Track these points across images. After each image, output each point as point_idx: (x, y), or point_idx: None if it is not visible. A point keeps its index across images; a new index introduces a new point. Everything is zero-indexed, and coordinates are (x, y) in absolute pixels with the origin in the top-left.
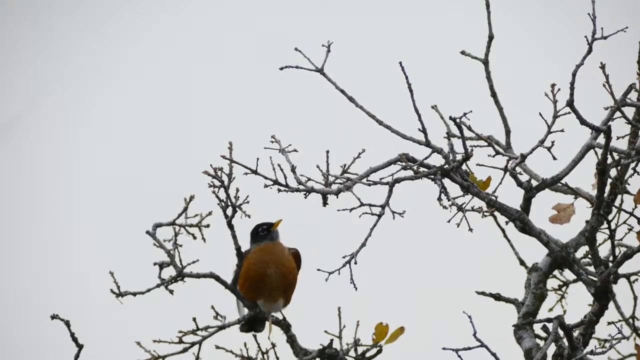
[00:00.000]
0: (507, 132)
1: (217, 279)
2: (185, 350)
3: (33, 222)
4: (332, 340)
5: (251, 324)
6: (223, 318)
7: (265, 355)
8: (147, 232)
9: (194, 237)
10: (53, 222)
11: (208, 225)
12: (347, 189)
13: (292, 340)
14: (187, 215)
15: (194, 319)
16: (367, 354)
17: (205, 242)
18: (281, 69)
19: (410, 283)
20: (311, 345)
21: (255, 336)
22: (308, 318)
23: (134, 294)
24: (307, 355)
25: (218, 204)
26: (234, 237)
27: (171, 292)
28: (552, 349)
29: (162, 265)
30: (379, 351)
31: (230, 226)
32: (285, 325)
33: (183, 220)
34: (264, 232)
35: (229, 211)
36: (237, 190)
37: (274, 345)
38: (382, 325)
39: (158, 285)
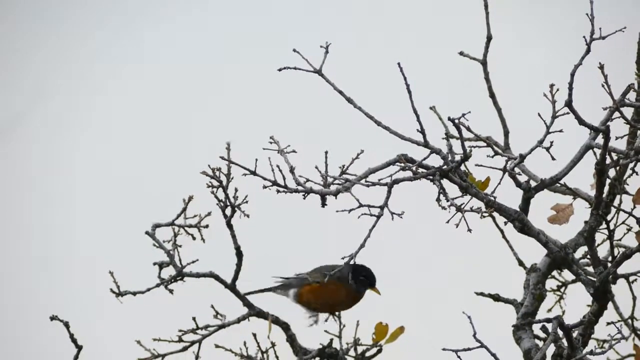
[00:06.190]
0: (506, 133)
1: (217, 278)
2: (185, 349)
3: (33, 222)
4: (332, 340)
5: None
6: (223, 317)
7: (265, 355)
8: (147, 233)
9: (193, 238)
10: (53, 222)
11: (207, 226)
12: (346, 190)
13: (291, 339)
14: (186, 216)
15: (194, 318)
16: (367, 354)
17: (204, 242)
18: (279, 70)
19: (410, 284)
20: (311, 345)
21: (255, 335)
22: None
23: (134, 294)
24: (307, 355)
25: (217, 204)
26: (233, 236)
27: (171, 291)
28: (551, 350)
29: (161, 265)
30: (379, 351)
31: (230, 226)
32: (284, 325)
33: (182, 220)
34: (363, 279)
35: (228, 211)
36: (236, 190)
37: (273, 345)
38: (382, 324)
39: (158, 285)
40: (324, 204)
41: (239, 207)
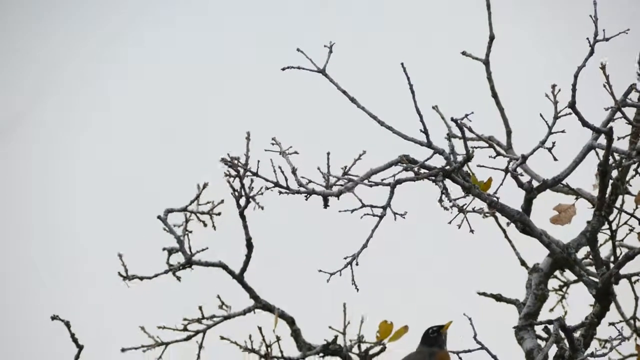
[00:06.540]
0: (508, 133)
1: (226, 268)
2: (189, 338)
3: (33, 222)
4: (336, 337)
5: None
6: (228, 308)
7: (269, 348)
8: (159, 217)
9: (205, 225)
10: (53, 222)
11: (219, 213)
12: (348, 190)
13: (296, 334)
14: (199, 202)
15: (200, 307)
16: (371, 352)
17: (215, 229)
18: (283, 69)
19: (412, 284)
20: (315, 341)
21: (260, 328)
22: (312, 315)
23: (141, 278)
24: (311, 350)
25: (231, 193)
26: (245, 227)
27: (178, 278)
28: (553, 350)
29: (171, 251)
30: (383, 349)
31: (243, 216)
32: (290, 319)
33: (195, 207)
34: (434, 334)
35: (242, 201)
36: (252, 181)
37: (278, 339)
38: (387, 323)
39: (166, 271)
40: (326, 205)
41: (253, 198)
